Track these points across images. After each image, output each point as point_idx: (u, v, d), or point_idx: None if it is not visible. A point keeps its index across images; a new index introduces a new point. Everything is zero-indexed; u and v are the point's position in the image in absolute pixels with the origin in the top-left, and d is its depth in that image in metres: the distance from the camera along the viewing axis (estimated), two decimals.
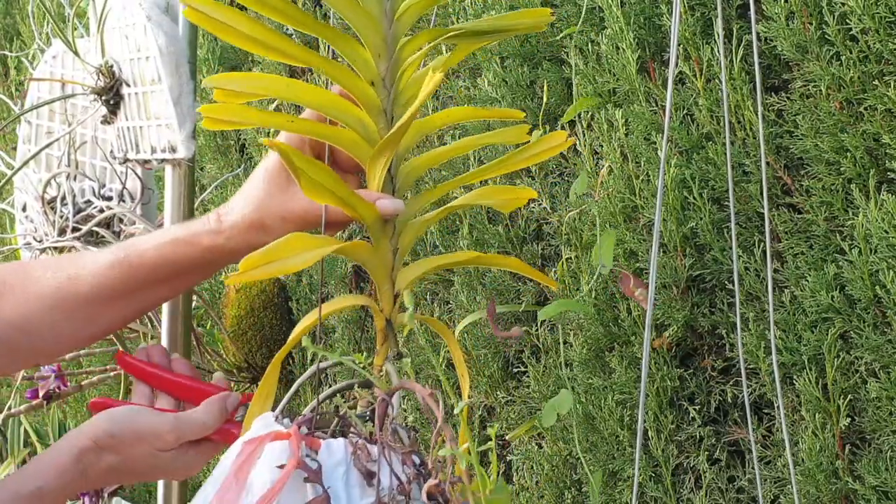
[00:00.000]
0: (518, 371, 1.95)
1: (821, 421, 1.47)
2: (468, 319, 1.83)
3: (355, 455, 0.80)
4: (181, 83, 1.39)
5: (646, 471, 1.68)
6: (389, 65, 0.88)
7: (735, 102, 1.54)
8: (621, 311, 1.72)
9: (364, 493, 0.79)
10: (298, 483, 0.78)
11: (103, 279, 0.96)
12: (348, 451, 0.81)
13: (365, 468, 0.79)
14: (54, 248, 1.70)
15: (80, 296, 0.96)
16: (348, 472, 0.79)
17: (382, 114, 0.89)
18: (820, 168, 1.48)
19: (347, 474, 0.79)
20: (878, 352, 1.42)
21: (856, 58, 1.43)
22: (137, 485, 3.03)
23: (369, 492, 0.79)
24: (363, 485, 0.79)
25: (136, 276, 0.96)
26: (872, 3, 1.39)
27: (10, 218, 1.98)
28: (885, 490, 1.41)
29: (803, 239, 1.52)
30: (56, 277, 0.96)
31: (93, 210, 1.68)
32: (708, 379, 1.66)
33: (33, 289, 0.96)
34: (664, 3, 1.66)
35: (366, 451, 0.80)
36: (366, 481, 0.79)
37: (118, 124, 1.51)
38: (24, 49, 3.16)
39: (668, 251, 1.65)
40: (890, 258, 1.38)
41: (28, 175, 1.79)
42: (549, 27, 1.80)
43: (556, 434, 1.83)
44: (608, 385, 1.74)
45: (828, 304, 1.46)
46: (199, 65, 2.87)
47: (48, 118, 1.83)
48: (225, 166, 2.90)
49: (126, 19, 1.44)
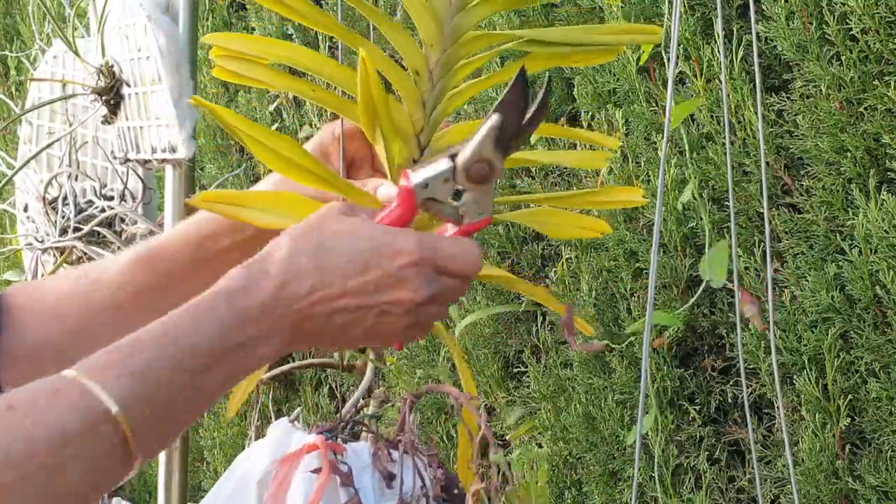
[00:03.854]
0: (518, 371, 1.95)
1: (821, 421, 1.47)
2: (468, 319, 1.83)
3: (376, 457, 0.80)
4: (181, 83, 1.39)
5: (646, 471, 1.68)
6: (441, 57, 0.83)
7: (735, 102, 1.54)
8: (621, 311, 1.72)
9: (384, 494, 0.79)
10: (331, 487, 0.78)
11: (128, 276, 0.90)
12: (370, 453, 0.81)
13: (386, 469, 0.80)
14: (56, 248, 1.70)
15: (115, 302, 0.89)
16: (374, 474, 0.80)
17: (420, 105, 0.84)
18: (820, 168, 1.48)
19: (373, 476, 0.80)
20: (878, 352, 1.42)
21: (856, 58, 1.43)
22: (137, 485, 3.03)
23: (389, 493, 0.79)
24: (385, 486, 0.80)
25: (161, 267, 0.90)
26: (873, 3, 1.39)
27: (12, 218, 1.98)
28: (886, 490, 1.41)
29: (803, 239, 1.52)
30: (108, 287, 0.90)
31: (94, 210, 1.68)
32: (708, 379, 1.66)
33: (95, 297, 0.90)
34: (664, 3, 1.66)
35: (386, 452, 0.81)
36: (385, 483, 0.79)
37: (119, 124, 1.51)
38: (25, 49, 3.16)
39: (668, 251, 1.66)
40: (890, 258, 1.38)
41: (29, 175, 1.79)
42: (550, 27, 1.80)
43: (556, 434, 1.83)
44: (608, 385, 1.74)
45: (828, 304, 1.46)
46: (200, 64, 2.87)
47: (49, 118, 1.83)
48: (225, 166, 2.90)
49: (126, 19, 1.45)
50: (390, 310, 0.74)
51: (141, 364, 0.66)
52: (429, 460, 0.81)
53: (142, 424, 0.65)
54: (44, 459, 0.62)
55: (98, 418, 0.64)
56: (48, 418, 0.63)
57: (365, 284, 0.73)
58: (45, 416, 0.63)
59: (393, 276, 0.73)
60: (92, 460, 0.64)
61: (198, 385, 0.68)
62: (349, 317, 0.73)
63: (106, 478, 0.66)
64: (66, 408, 0.63)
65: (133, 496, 3.08)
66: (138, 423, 0.65)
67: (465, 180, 0.75)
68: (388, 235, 0.74)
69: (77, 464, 0.63)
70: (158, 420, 0.67)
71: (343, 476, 0.77)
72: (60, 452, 0.62)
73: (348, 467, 0.78)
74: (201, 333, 0.69)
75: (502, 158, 0.75)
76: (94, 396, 0.64)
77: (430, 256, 0.74)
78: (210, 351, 0.69)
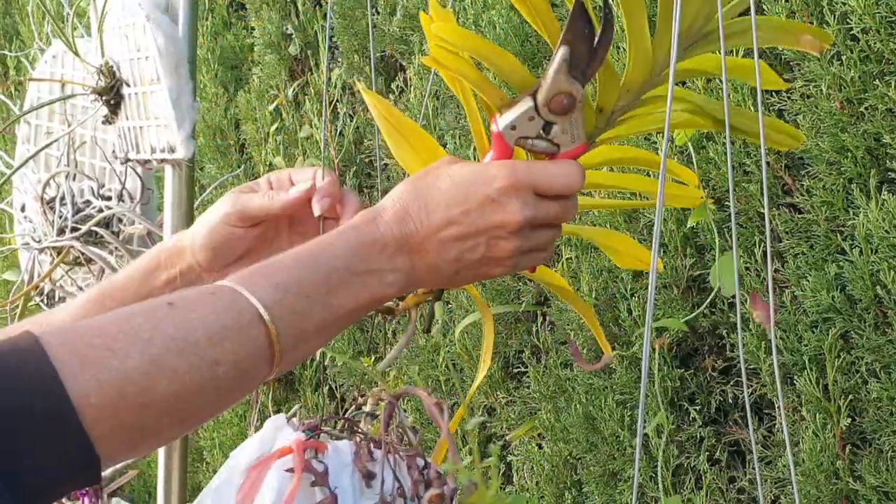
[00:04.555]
0: (518, 371, 1.94)
1: (821, 421, 1.47)
2: (468, 319, 1.83)
3: (357, 455, 0.81)
4: (180, 83, 1.39)
5: (646, 471, 1.68)
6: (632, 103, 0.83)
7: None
8: (621, 311, 1.72)
9: (363, 493, 0.79)
10: (307, 486, 0.79)
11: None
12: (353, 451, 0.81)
13: (365, 468, 0.80)
14: (53, 248, 1.70)
15: None
16: (354, 473, 0.80)
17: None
18: (820, 168, 1.48)
19: (353, 475, 0.80)
20: (878, 352, 1.42)
21: (856, 57, 1.43)
22: (137, 485, 3.03)
23: (368, 493, 0.79)
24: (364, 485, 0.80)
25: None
26: (873, 2, 1.39)
27: (10, 218, 1.97)
28: (886, 490, 1.41)
29: (804, 239, 1.51)
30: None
31: (92, 210, 1.68)
32: (708, 379, 1.66)
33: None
34: None
35: (367, 451, 0.81)
36: (365, 482, 0.80)
37: (119, 124, 1.51)
38: (24, 49, 3.16)
39: (668, 251, 1.65)
40: (891, 258, 1.38)
41: (27, 175, 1.79)
42: None
43: (557, 434, 1.83)
44: (608, 385, 1.74)
45: (828, 304, 1.46)
46: (199, 64, 2.87)
47: (48, 118, 1.83)
48: (224, 166, 2.89)
49: (125, 19, 1.44)
50: (497, 234, 0.79)
51: (286, 277, 0.73)
52: (408, 461, 0.81)
53: (284, 331, 0.71)
54: (205, 348, 0.67)
55: (250, 319, 0.70)
56: (207, 314, 0.69)
57: (466, 213, 0.78)
58: (205, 311, 0.69)
59: (492, 200, 0.78)
60: (245, 358, 0.70)
61: (332, 304, 0.75)
62: (459, 246, 0.79)
63: (253, 376, 0.71)
64: (221, 307, 0.70)
65: (133, 496, 3.08)
66: (282, 329, 0.71)
67: (549, 114, 0.79)
68: (483, 166, 0.80)
69: (231, 358, 0.68)
70: (298, 330, 0.73)
71: (317, 475, 0.77)
72: (219, 346, 0.68)
73: (325, 466, 0.78)
74: (338, 256, 0.76)
75: (581, 86, 0.78)
76: (246, 299, 0.70)
77: (524, 178, 0.78)
78: (347, 268, 0.76)
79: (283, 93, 2.69)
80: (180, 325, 0.67)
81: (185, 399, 0.67)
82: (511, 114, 0.80)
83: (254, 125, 2.78)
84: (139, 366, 0.64)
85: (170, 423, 0.67)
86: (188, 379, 0.66)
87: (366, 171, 2.42)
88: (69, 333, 0.65)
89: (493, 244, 0.79)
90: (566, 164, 0.80)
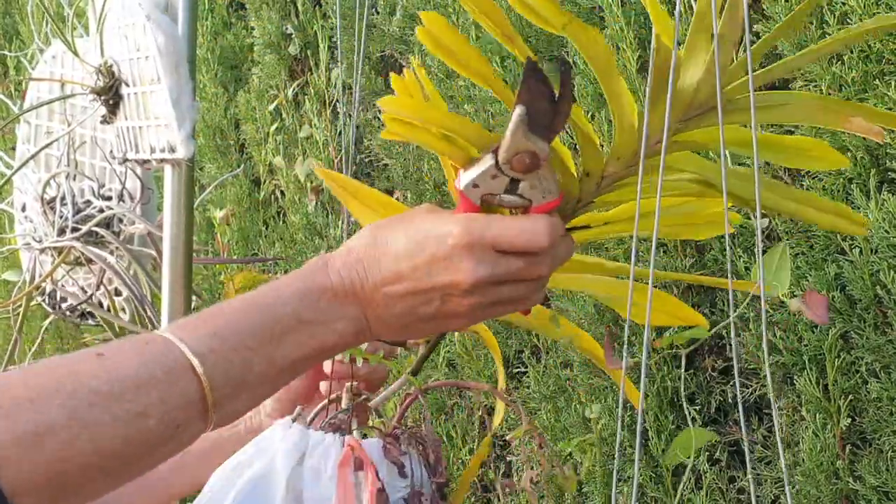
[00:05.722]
0: (518, 371, 1.94)
1: (821, 421, 1.47)
2: None
3: (387, 449, 0.83)
4: (180, 83, 1.39)
5: (646, 471, 1.68)
6: (620, 172, 0.82)
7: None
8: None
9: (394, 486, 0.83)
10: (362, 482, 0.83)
11: None
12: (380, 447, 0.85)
13: (399, 460, 0.82)
14: (54, 248, 1.70)
15: None
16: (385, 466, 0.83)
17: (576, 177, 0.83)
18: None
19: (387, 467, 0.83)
20: (878, 352, 1.42)
21: (857, 57, 1.43)
22: None
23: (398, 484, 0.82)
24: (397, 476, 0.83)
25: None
26: (873, 3, 1.39)
27: (10, 218, 1.97)
28: (886, 490, 1.41)
29: (804, 239, 1.51)
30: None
31: (92, 210, 1.68)
32: (708, 379, 1.66)
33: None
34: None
35: (396, 445, 0.84)
36: (399, 472, 0.83)
37: (118, 124, 1.51)
38: (24, 49, 3.16)
39: (668, 251, 1.65)
40: (891, 258, 1.38)
41: (27, 175, 1.79)
42: None
43: (557, 434, 1.83)
44: (609, 385, 1.74)
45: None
46: (199, 64, 2.87)
47: (47, 118, 1.83)
48: (224, 166, 2.89)
49: (125, 19, 1.44)
50: (450, 292, 0.75)
51: (224, 324, 0.71)
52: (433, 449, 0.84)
53: (219, 381, 0.69)
54: (131, 401, 0.66)
55: (181, 369, 0.68)
56: (137, 365, 0.67)
57: (414, 268, 0.75)
58: (134, 363, 0.67)
59: (443, 258, 0.74)
60: (174, 409, 0.68)
61: (275, 353, 0.72)
62: (410, 301, 0.76)
63: (185, 429, 0.69)
64: (150, 357, 0.68)
65: None
66: (216, 379, 0.69)
67: (511, 172, 0.76)
68: (442, 221, 0.76)
69: (160, 410, 0.67)
70: (234, 381, 0.71)
71: (400, 467, 0.80)
72: (146, 398, 0.66)
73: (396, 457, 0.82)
74: (285, 303, 0.73)
75: (546, 142, 0.75)
76: (179, 349, 0.69)
77: (478, 235, 0.74)
78: (294, 315, 0.73)
79: (283, 93, 2.69)
80: (106, 376, 0.66)
81: (109, 453, 0.65)
82: (473, 171, 0.77)
83: (253, 125, 2.78)
84: (58, 419, 0.63)
85: (93, 477, 0.65)
86: (112, 432, 0.65)
87: (366, 172, 2.42)
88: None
89: (447, 300, 0.76)
90: (531, 219, 0.76)
